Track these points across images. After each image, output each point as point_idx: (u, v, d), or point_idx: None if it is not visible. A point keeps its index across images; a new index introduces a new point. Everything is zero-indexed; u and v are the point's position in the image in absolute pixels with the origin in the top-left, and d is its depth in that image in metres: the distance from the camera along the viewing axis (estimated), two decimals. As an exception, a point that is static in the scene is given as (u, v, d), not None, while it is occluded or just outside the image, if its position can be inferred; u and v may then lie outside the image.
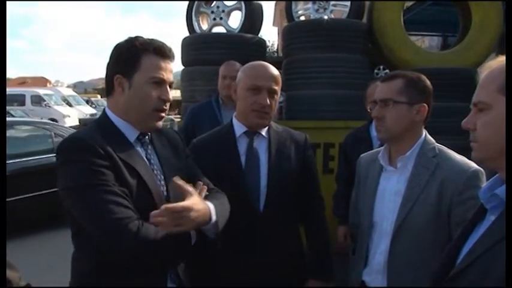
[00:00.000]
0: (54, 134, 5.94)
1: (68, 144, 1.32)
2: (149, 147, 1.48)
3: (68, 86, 50.93)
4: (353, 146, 2.82)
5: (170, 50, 1.44)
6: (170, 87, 1.45)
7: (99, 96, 37.00)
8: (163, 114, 1.44)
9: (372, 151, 1.95)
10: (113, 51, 1.42)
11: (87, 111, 23.61)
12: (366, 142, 2.77)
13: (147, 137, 1.49)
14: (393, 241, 1.61)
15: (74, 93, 26.95)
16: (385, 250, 1.64)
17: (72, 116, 21.55)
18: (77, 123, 21.13)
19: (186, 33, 4.77)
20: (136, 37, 1.42)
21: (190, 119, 3.19)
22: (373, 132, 2.75)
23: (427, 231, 1.55)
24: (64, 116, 20.83)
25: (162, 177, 1.46)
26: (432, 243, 1.54)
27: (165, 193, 1.44)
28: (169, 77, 1.43)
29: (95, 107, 25.91)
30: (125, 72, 1.38)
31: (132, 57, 1.38)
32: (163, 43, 1.43)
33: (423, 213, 1.56)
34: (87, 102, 26.93)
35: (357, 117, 3.63)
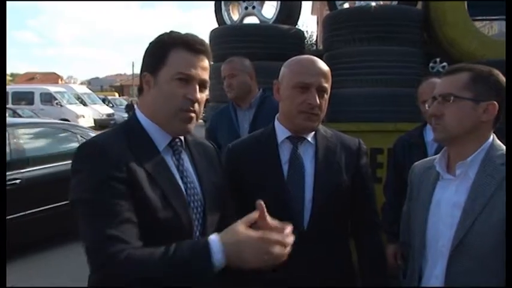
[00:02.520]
0: (81, 136, 6.11)
1: (81, 151, 1.36)
2: (182, 155, 1.50)
3: (82, 83, 52.62)
4: (404, 153, 2.83)
5: (203, 43, 1.46)
6: (204, 86, 1.46)
7: (116, 95, 37.96)
8: (191, 115, 1.45)
9: (428, 158, 1.93)
10: (146, 48, 1.48)
11: (104, 111, 24.21)
12: (419, 148, 2.77)
13: (179, 143, 1.51)
14: (451, 263, 1.58)
15: (89, 91, 27.72)
16: (441, 274, 1.61)
17: (87, 116, 22.10)
18: (92, 124, 21.73)
19: (215, 25, 4.87)
20: (169, 32, 1.46)
21: (210, 127, 3.33)
22: (428, 137, 2.74)
23: (493, 252, 1.51)
24: (78, 116, 21.36)
25: (199, 190, 1.49)
26: (500, 267, 1.48)
27: (200, 208, 1.47)
28: (200, 74, 1.44)
29: (112, 107, 26.61)
30: (151, 68, 1.43)
31: (159, 52, 1.42)
32: (195, 36, 1.46)
33: (488, 230, 1.52)
34: (104, 101, 27.67)
35: (409, 119, 3.61)
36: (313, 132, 1.86)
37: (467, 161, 1.61)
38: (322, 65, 1.80)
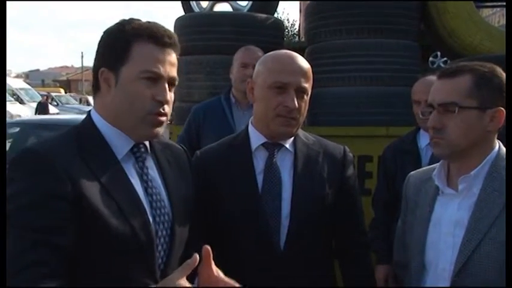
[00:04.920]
0: None
1: (21, 159, 1.36)
2: (146, 163, 1.52)
3: (18, 76, 51.32)
4: (394, 161, 2.88)
5: (171, 35, 1.48)
6: (172, 85, 1.49)
7: (62, 91, 37.12)
8: (161, 119, 1.47)
9: (424, 169, 1.98)
10: (101, 37, 1.49)
11: (47, 110, 23.71)
12: (412, 155, 2.82)
13: (143, 149, 1.52)
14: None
15: (27, 86, 27.09)
16: (442, 299, 1.63)
17: (24, 116, 21.57)
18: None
19: (181, 13, 4.87)
20: (130, 20, 1.48)
21: (194, 122, 3.25)
22: (422, 143, 2.81)
23: (502, 277, 1.52)
24: (12, 116, 20.71)
25: (166, 202, 1.51)
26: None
27: (167, 224, 1.49)
28: (169, 71, 1.46)
29: (56, 105, 25.97)
30: (111, 64, 1.44)
31: (119, 45, 1.43)
32: (161, 26, 1.48)
33: (496, 252, 1.54)
34: (46, 98, 27.09)
35: (403, 122, 3.64)
36: (292, 138, 1.88)
37: (470, 175, 1.63)
38: (302, 62, 1.83)
